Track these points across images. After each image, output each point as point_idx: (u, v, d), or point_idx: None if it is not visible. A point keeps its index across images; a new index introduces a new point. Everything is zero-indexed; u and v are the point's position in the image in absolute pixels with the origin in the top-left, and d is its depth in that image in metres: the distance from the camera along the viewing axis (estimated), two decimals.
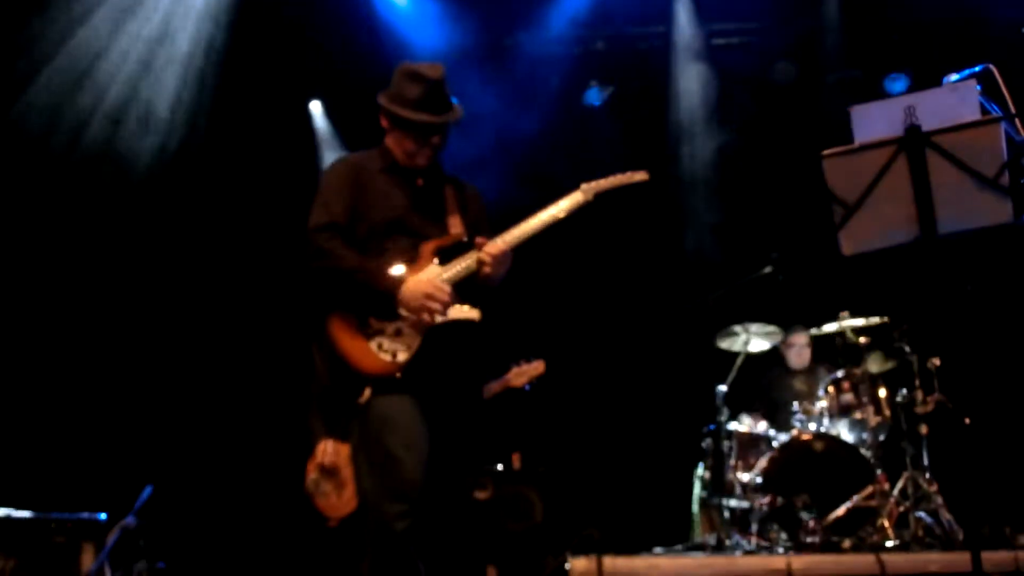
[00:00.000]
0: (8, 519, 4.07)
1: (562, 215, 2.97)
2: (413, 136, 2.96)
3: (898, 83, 6.31)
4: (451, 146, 3.10)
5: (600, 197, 3.01)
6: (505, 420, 5.46)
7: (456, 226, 3.00)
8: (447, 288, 2.85)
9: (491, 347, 3.08)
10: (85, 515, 4.26)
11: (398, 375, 2.82)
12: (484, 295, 2.95)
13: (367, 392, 2.83)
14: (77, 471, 5.30)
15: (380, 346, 2.84)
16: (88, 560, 4.20)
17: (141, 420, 5.73)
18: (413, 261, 2.92)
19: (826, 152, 2.67)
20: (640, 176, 3.10)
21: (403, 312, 2.84)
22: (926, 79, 6.10)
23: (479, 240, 2.94)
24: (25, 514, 4.16)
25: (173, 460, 5.58)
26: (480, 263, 2.90)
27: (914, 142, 2.59)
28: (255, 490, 5.71)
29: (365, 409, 2.84)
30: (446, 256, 2.94)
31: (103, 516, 4.28)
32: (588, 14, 6.53)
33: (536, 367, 4.81)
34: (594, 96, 6.73)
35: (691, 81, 6.45)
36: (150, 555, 4.35)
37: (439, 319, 2.84)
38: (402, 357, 2.83)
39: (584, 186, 3.03)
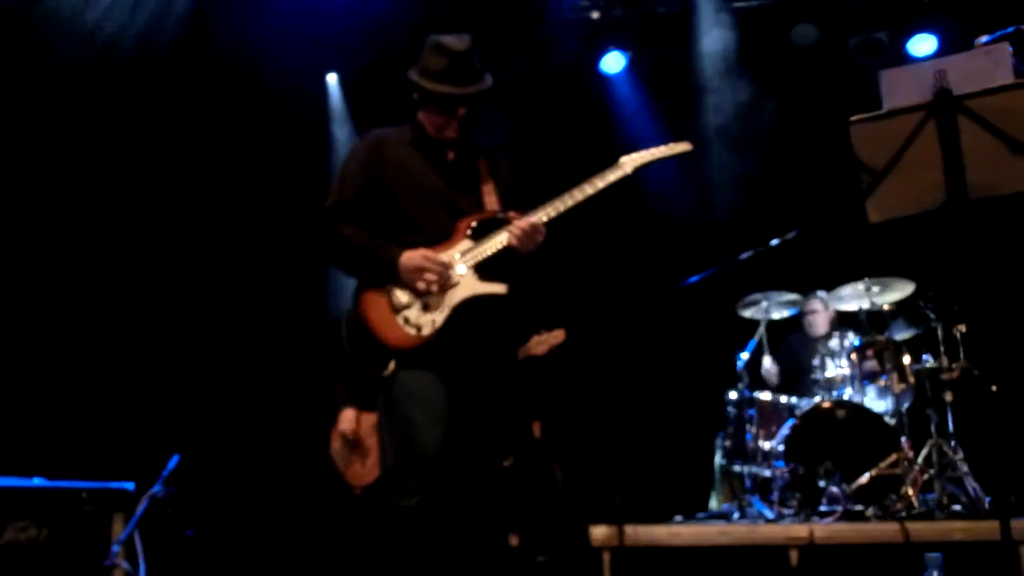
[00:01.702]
0: (40, 490, 4.13)
1: (600, 189, 2.94)
2: (439, 109, 2.94)
3: (924, 46, 6.18)
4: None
5: (640, 170, 2.98)
6: (525, 388, 5.48)
7: (491, 201, 2.99)
8: (440, 258, 2.85)
9: (520, 321, 3.06)
10: (115, 485, 4.32)
11: (422, 348, 2.84)
12: (518, 270, 2.93)
13: (392, 365, 2.85)
14: (106, 441, 5.38)
15: (407, 320, 2.86)
16: (119, 529, 4.26)
17: (168, 389, 5.79)
18: (447, 236, 2.93)
19: (853, 118, 2.61)
20: (683, 147, 3.07)
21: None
22: (953, 42, 6.06)
23: (512, 215, 2.93)
24: (57, 484, 4.21)
25: (200, 429, 5.65)
26: (511, 235, 2.89)
27: (944, 106, 2.52)
28: (282, 458, 5.78)
29: (389, 381, 2.87)
30: (480, 231, 2.95)
31: (131, 486, 4.33)
32: None
33: (556, 335, 4.81)
34: (611, 63, 6.63)
35: (713, 45, 6.32)
36: (178, 524, 4.42)
37: (459, 296, 2.84)
38: (427, 331, 2.85)
39: (624, 159, 3.00)
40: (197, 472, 4.72)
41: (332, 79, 6.96)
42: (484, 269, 2.91)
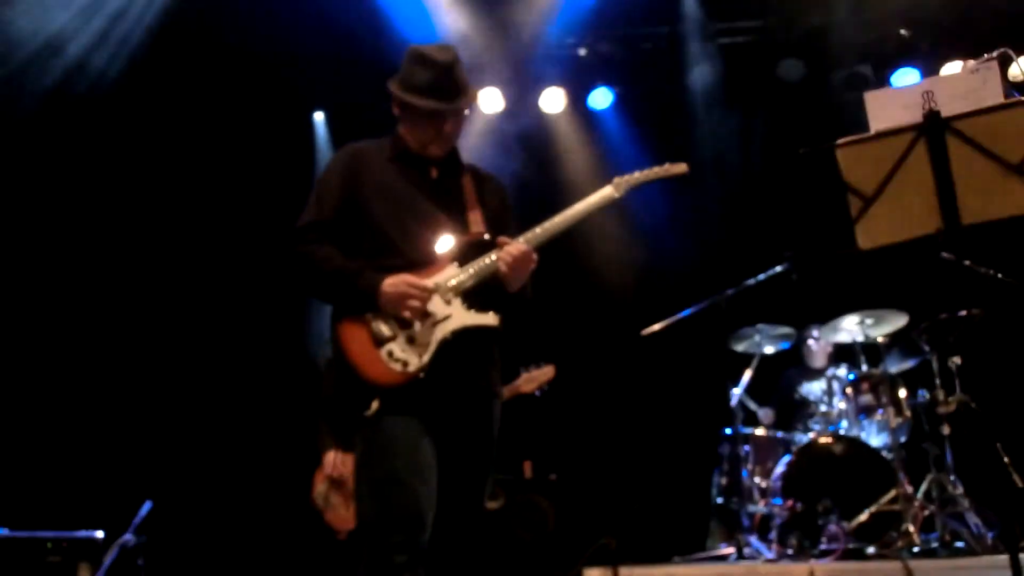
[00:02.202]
0: (2, 539, 3.96)
1: (591, 211, 2.77)
2: (424, 124, 2.75)
3: (908, 79, 6.20)
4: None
5: (632, 191, 2.81)
6: (515, 427, 5.36)
7: (477, 222, 2.79)
8: (424, 284, 2.63)
9: (506, 355, 2.88)
10: (81, 533, 4.14)
11: (408, 386, 2.62)
12: (506, 299, 2.74)
13: (375, 404, 2.60)
14: (72, 487, 5.20)
15: (391, 354, 2.62)
16: None
17: (140, 431, 5.61)
18: (431, 260, 2.73)
19: (841, 141, 2.54)
20: (679, 168, 2.89)
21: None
22: (936, 74, 6.07)
23: (500, 239, 2.73)
24: (19, 534, 4.04)
25: (174, 473, 5.47)
26: (499, 264, 2.69)
27: (934, 128, 2.47)
28: (259, 504, 5.60)
29: (372, 423, 2.61)
30: (467, 256, 2.72)
31: (100, 534, 4.16)
32: (591, 16, 6.44)
33: (546, 372, 4.69)
34: (599, 99, 6.64)
35: (700, 80, 6.33)
36: (150, 574, 4.23)
37: (448, 329, 2.64)
38: (414, 367, 2.62)
39: (616, 180, 2.81)
40: (171, 519, 4.55)
41: (319, 117, 6.94)
42: (473, 298, 2.70)
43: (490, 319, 2.69)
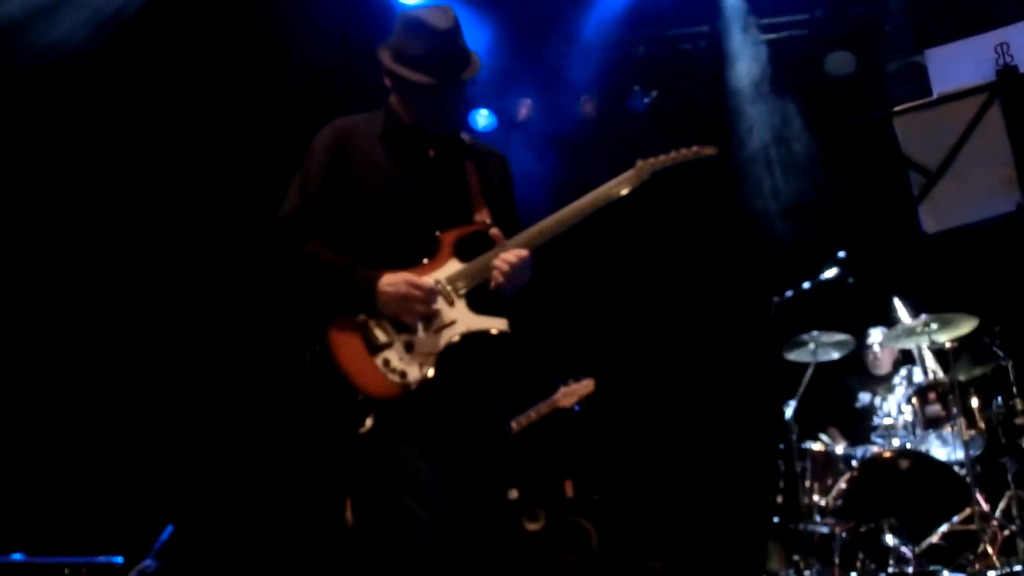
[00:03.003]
0: (20, 565, 3.81)
1: (611, 200, 2.46)
2: (420, 101, 2.46)
3: None
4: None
5: (659, 177, 2.50)
6: (555, 444, 5.13)
7: (480, 210, 2.49)
8: (426, 285, 2.35)
9: (521, 362, 2.60)
10: (100, 559, 3.95)
11: (407, 400, 2.32)
12: (501, 304, 2.45)
13: (369, 421, 2.30)
14: (91, 510, 5.04)
15: (387, 363, 2.34)
16: None
17: (161, 453, 5.44)
18: (429, 253, 2.45)
19: (899, 108, 2.23)
20: (707, 151, 2.57)
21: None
22: None
23: (494, 233, 2.43)
24: (35, 559, 3.88)
25: (196, 496, 5.28)
26: (495, 273, 2.37)
27: (1011, 86, 2.16)
28: (287, 528, 5.41)
29: (367, 443, 2.32)
30: (468, 248, 2.43)
31: (120, 559, 3.98)
32: (627, 17, 6.23)
33: (586, 386, 4.50)
34: (637, 101, 6.40)
35: (744, 78, 6.05)
36: None
37: (453, 334, 2.37)
38: (413, 378, 2.33)
39: (640, 163, 2.49)
40: (193, 544, 4.37)
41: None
42: (479, 298, 2.41)
43: (500, 324, 2.39)
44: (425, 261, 2.43)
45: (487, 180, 2.58)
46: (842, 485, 4.72)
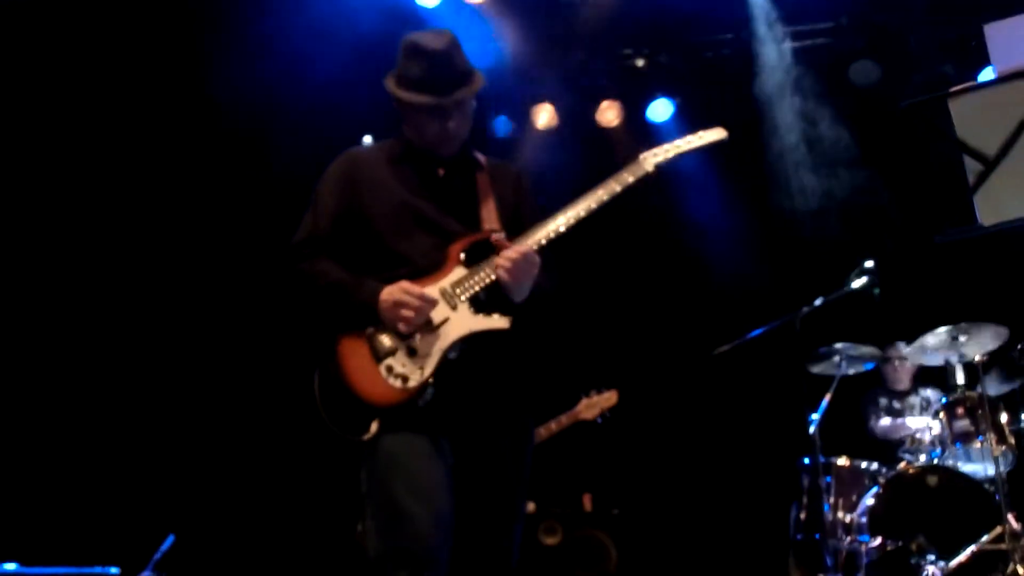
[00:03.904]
0: (12, 575, 3.72)
1: (617, 193, 2.43)
2: (425, 122, 2.50)
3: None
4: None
5: (665, 169, 2.48)
6: (574, 457, 5.04)
7: (490, 219, 2.50)
8: (418, 289, 2.36)
9: (530, 359, 2.53)
10: (96, 569, 3.88)
11: (410, 404, 2.33)
12: (516, 307, 2.44)
13: (373, 426, 2.32)
14: (87, 518, 4.96)
15: (390, 370, 2.35)
16: None
17: (161, 460, 5.37)
18: (440, 264, 2.45)
19: (955, 89, 2.12)
20: (716, 134, 2.55)
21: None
22: None
23: (495, 238, 2.44)
24: (29, 570, 3.81)
25: (198, 505, 5.21)
26: (498, 272, 2.38)
27: None
28: (292, 540, 5.32)
29: (371, 450, 2.35)
30: (475, 256, 2.45)
31: (115, 570, 3.89)
32: (649, 26, 6.18)
33: (608, 398, 4.44)
34: (659, 111, 6.34)
35: (768, 85, 5.98)
36: None
37: (451, 336, 2.37)
38: (414, 382, 2.34)
39: (643, 155, 2.50)
40: (194, 556, 4.28)
41: (367, 140, 6.80)
42: (482, 300, 2.42)
43: (499, 322, 2.39)
44: (434, 273, 2.45)
45: (500, 194, 2.59)
46: (869, 501, 4.61)
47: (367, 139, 6.73)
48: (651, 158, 2.51)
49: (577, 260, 2.57)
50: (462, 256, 2.45)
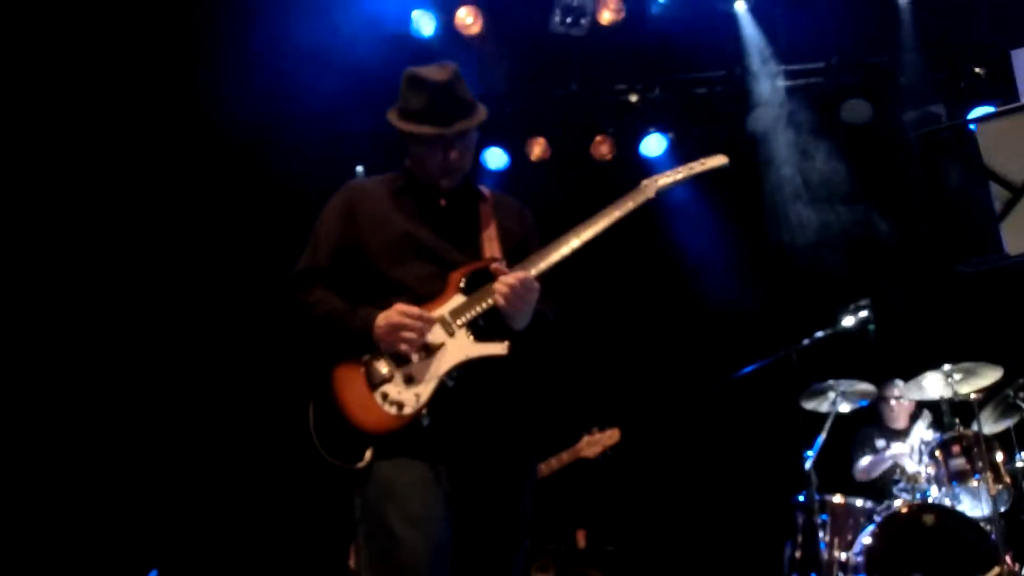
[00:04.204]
0: None
1: (617, 219, 2.44)
2: (427, 154, 2.49)
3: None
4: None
5: (665, 194, 2.51)
6: (568, 493, 4.97)
7: (492, 249, 2.50)
8: (415, 311, 2.33)
9: (530, 389, 2.51)
10: None
11: (407, 431, 2.30)
12: (514, 335, 2.42)
13: (368, 454, 2.29)
14: (69, 552, 4.84)
15: (385, 396, 2.32)
16: None
17: (144, 495, 5.26)
18: (438, 292, 2.43)
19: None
20: (717, 161, 2.56)
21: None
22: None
23: (494, 267, 2.41)
24: None
25: (182, 540, 5.12)
26: (496, 298, 2.36)
27: None
28: (276, 570, 5.21)
29: (364, 477, 2.32)
30: (475, 284, 2.43)
31: None
32: (642, 61, 6.23)
33: (611, 436, 4.39)
34: (652, 146, 6.37)
35: (761, 123, 6.02)
36: None
37: (449, 363, 2.34)
38: (410, 409, 2.31)
39: (644, 182, 2.52)
40: None
41: (360, 171, 6.78)
42: (481, 327, 2.40)
43: (497, 348, 2.36)
44: (433, 301, 2.43)
45: (503, 225, 2.58)
46: (866, 540, 4.56)
47: (359, 169, 6.80)
48: (653, 184, 2.53)
49: (570, 294, 2.54)
50: (461, 284, 2.44)
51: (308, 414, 2.39)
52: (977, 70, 5.82)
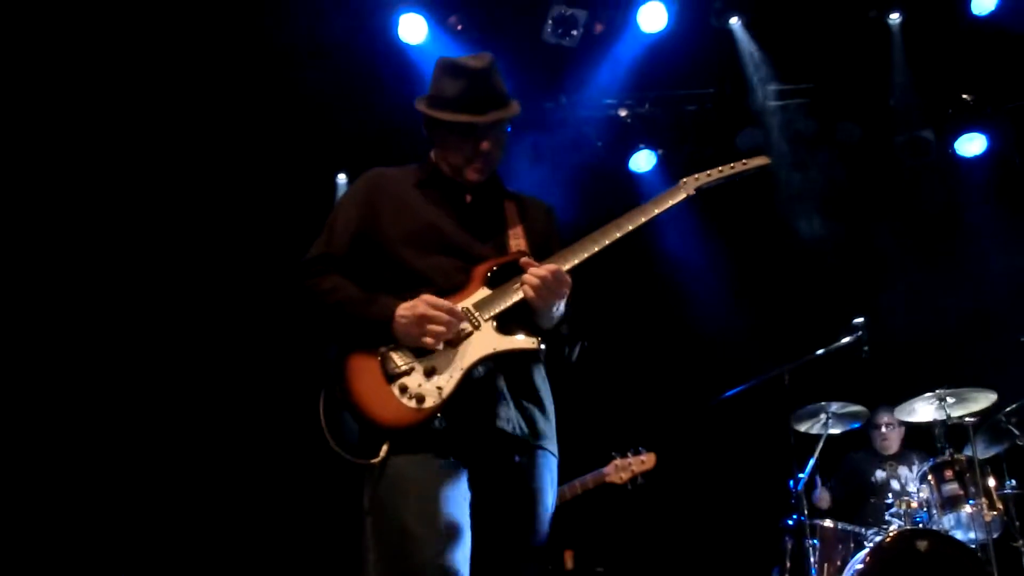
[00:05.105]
0: None
1: (654, 216, 2.35)
2: (457, 144, 2.40)
3: (972, 145, 5.90)
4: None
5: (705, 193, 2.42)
6: (556, 511, 4.81)
7: (518, 246, 2.38)
8: (445, 304, 2.22)
9: (556, 389, 2.39)
10: None
11: (425, 426, 2.17)
12: (542, 331, 2.30)
13: (383, 449, 2.16)
14: (38, 563, 4.61)
15: (404, 389, 2.20)
16: None
17: (112, 504, 5.06)
18: (462, 286, 2.32)
19: None
20: (758, 162, 2.50)
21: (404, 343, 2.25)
22: (1004, 141, 5.77)
23: (524, 260, 2.29)
24: None
25: (150, 548, 4.91)
26: (524, 289, 2.24)
27: None
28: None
29: (377, 473, 2.18)
30: (501, 278, 2.32)
31: None
32: (632, 77, 6.19)
33: (644, 461, 4.13)
34: (641, 162, 6.32)
35: (749, 142, 5.99)
36: None
37: (474, 356, 2.22)
38: (430, 403, 2.18)
39: (684, 180, 2.44)
40: None
41: (342, 179, 6.64)
42: (507, 321, 2.28)
43: (526, 343, 2.25)
44: (455, 296, 2.30)
45: (530, 223, 2.47)
46: (858, 566, 4.47)
47: (341, 177, 6.65)
48: (693, 182, 2.45)
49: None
50: (488, 276, 2.32)
51: (318, 406, 2.24)
52: (966, 97, 5.86)
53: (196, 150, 5.60)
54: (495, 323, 2.27)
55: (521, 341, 2.25)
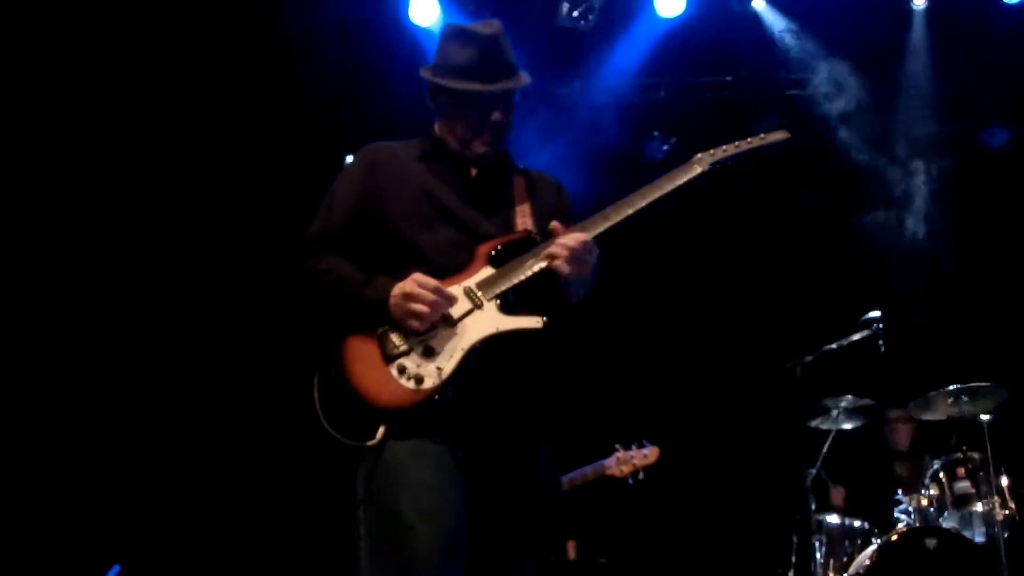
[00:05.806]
0: None
1: (667, 192, 2.28)
2: (465, 114, 2.30)
3: (998, 136, 5.80)
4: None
5: (720, 168, 2.34)
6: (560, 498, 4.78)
7: (525, 223, 2.30)
8: (432, 282, 2.13)
9: (564, 364, 2.33)
10: None
11: (423, 407, 2.10)
12: (563, 305, 2.25)
13: (380, 432, 2.09)
14: (28, 548, 4.60)
15: (402, 370, 2.12)
16: None
17: (107, 487, 5.02)
18: (464, 264, 2.23)
19: None
20: (777, 136, 2.40)
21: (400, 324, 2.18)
22: None
23: (553, 226, 2.20)
24: None
25: (146, 534, 4.88)
26: (551, 258, 2.15)
27: None
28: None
29: (372, 458, 2.12)
30: (505, 256, 2.23)
31: None
32: (649, 63, 6.10)
33: (647, 456, 4.00)
34: (655, 148, 6.25)
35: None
36: None
37: (476, 335, 2.15)
38: (429, 384, 2.10)
39: (699, 155, 2.35)
40: None
41: (349, 160, 6.59)
42: (511, 300, 2.20)
43: (531, 322, 2.16)
44: (458, 274, 2.23)
45: (538, 200, 2.38)
46: (865, 563, 4.42)
47: (349, 159, 6.61)
48: (708, 157, 2.35)
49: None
50: (492, 255, 2.24)
51: (312, 388, 2.18)
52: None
53: (204, 135, 5.57)
54: (499, 302, 2.19)
55: (525, 320, 2.17)
